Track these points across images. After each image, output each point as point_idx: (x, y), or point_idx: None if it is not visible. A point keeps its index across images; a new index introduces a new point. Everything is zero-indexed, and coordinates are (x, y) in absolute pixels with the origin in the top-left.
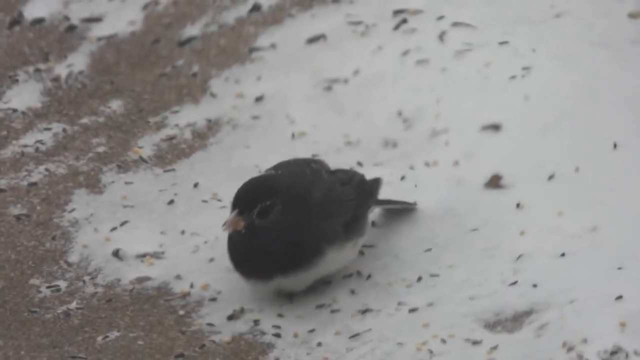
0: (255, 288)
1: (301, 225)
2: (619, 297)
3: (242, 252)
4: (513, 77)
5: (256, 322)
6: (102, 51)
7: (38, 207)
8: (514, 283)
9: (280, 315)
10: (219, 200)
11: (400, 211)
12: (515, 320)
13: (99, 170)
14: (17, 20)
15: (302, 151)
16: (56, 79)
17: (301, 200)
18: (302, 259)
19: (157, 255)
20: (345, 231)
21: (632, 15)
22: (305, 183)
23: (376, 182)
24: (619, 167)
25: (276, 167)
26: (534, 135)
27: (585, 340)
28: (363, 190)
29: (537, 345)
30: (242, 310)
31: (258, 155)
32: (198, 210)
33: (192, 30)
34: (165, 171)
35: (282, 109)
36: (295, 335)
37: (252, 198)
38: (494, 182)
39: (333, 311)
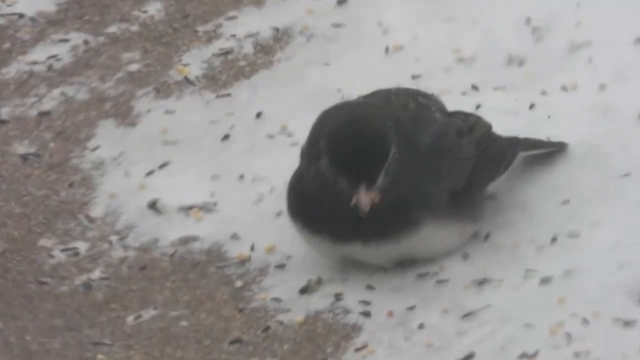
0: (319, 249)
1: (402, 178)
2: None
3: (313, 203)
4: None
5: (338, 296)
6: None
7: (51, 144)
8: None
9: (369, 288)
10: (289, 135)
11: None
12: None
13: (132, 95)
14: None
15: (398, 70)
16: None
17: (407, 142)
18: (389, 226)
19: (207, 208)
20: (452, 205)
21: None
22: (407, 119)
23: (512, 146)
24: None
25: (364, 98)
26: None
27: None
28: (488, 151)
29: None
30: (319, 281)
31: (341, 76)
32: (261, 147)
33: None
34: (218, 96)
35: (373, 14)
36: (390, 314)
37: (377, 160)
38: None
39: (440, 282)
